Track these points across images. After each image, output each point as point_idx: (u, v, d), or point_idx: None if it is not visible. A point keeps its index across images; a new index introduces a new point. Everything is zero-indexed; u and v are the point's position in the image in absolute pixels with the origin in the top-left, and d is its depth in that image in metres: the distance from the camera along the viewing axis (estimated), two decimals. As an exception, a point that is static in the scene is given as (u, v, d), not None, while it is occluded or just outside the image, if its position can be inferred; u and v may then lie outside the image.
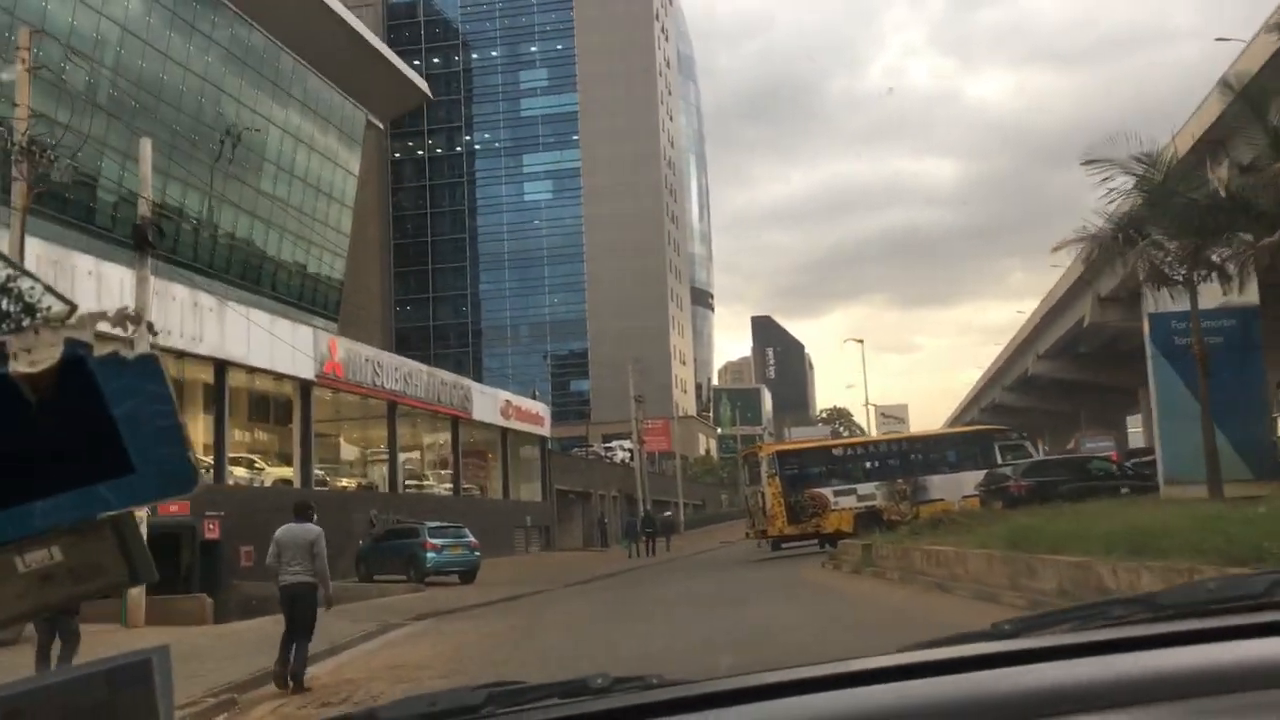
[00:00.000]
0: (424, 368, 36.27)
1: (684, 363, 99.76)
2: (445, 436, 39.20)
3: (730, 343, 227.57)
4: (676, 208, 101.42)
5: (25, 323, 0.94)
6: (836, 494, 29.83)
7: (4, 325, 0.93)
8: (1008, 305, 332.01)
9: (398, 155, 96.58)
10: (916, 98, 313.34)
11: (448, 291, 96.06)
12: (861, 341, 48.50)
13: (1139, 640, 1.46)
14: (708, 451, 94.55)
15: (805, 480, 30.31)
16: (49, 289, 0.96)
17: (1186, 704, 1.26)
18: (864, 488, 29.98)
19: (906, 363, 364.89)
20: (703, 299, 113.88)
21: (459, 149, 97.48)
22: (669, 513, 52.34)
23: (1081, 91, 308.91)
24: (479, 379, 50.34)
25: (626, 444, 66.14)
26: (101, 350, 0.93)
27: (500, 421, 41.88)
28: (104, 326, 0.96)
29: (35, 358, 0.91)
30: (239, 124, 39.46)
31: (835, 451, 32.65)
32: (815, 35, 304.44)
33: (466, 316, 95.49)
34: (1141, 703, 1.26)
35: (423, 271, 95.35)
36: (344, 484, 34.59)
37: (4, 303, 0.94)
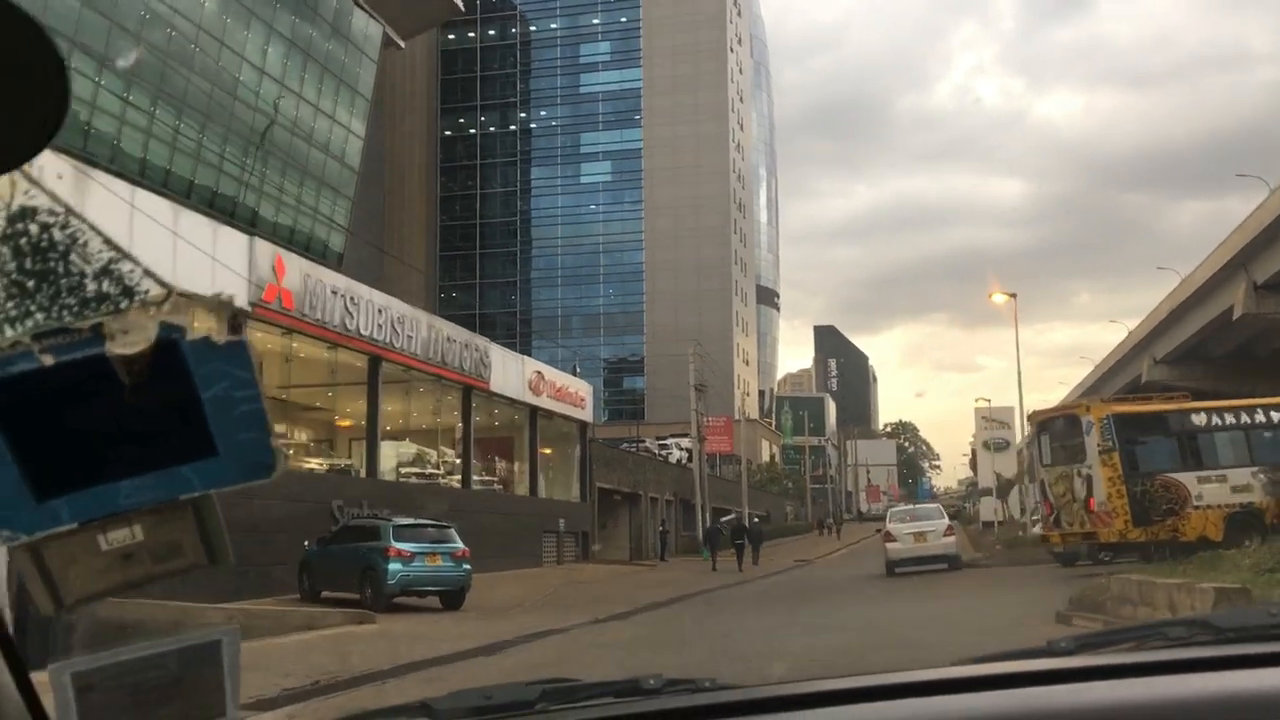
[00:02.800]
0: (422, 314, 26.77)
1: (747, 363, 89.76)
2: (458, 415, 29.73)
3: (790, 356, 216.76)
4: (744, 194, 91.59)
5: (123, 305, 0.95)
6: (1200, 481, 19.52)
7: (104, 307, 0.94)
8: (1073, 327, 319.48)
9: (448, 133, 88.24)
10: (984, 116, 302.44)
11: (496, 278, 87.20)
12: (1014, 295, 36.54)
13: (1197, 662, 1.41)
14: (772, 458, 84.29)
15: (1153, 460, 19.98)
16: (148, 272, 0.97)
17: None
18: (1237, 474, 19.52)
19: (968, 382, 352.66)
20: (768, 298, 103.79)
21: (513, 127, 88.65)
22: (758, 519, 42.79)
23: (1154, 114, 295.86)
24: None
25: (684, 443, 56.51)
26: (194, 334, 0.94)
27: (528, 398, 32.36)
28: (199, 310, 0.96)
29: (131, 340, 0.92)
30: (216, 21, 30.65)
31: (1195, 418, 20.91)
32: (884, 52, 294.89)
33: (515, 305, 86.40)
34: None
35: (470, 256, 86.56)
36: (312, 466, 25.30)
37: (104, 285, 0.95)
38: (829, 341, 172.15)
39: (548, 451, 36.19)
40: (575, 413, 36.45)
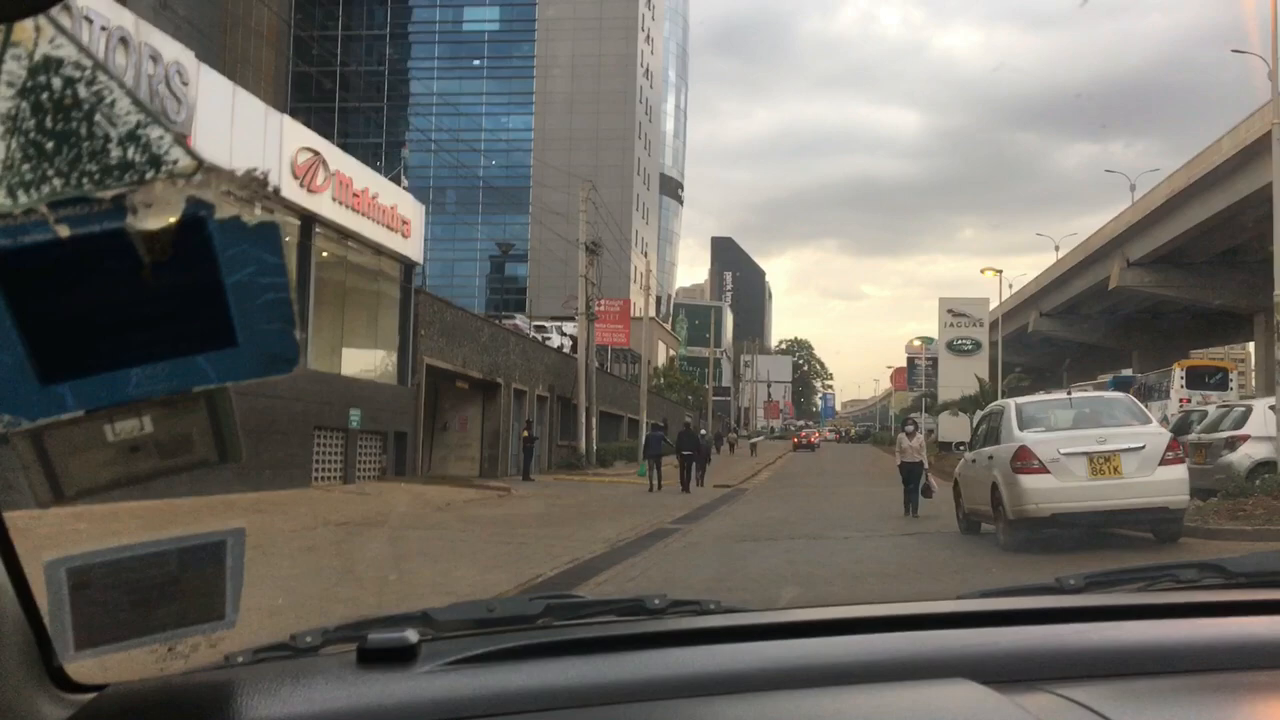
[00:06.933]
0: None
1: (646, 255, 75.91)
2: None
3: (683, 274, 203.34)
4: (653, 60, 76.66)
5: (149, 175, 0.83)
6: None
7: (128, 176, 0.82)
8: (955, 260, 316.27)
9: (305, -39, 70.93)
10: (885, 46, 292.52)
11: (358, 139, 70.77)
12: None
13: (1207, 606, 1.38)
14: (671, 362, 70.87)
15: None
16: (179, 141, 0.85)
17: (1254, 675, 1.16)
18: None
19: (852, 309, 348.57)
20: (672, 188, 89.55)
21: (384, -42, 71.81)
22: (705, 431, 30.22)
23: (1049, 55, 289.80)
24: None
25: (567, 328, 42.59)
26: (223, 212, 0.84)
27: (294, 194, 17.83)
28: (229, 187, 0.86)
29: (155, 215, 0.82)
30: None
31: None
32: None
33: (380, 173, 70.17)
34: (1206, 670, 1.17)
35: (328, 110, 69.92)
36: None
37: (130, 152, 0.82)
38: (726, 254, 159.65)
39: (346, 290, 21.85)
40: (392, 241, 22.07)
